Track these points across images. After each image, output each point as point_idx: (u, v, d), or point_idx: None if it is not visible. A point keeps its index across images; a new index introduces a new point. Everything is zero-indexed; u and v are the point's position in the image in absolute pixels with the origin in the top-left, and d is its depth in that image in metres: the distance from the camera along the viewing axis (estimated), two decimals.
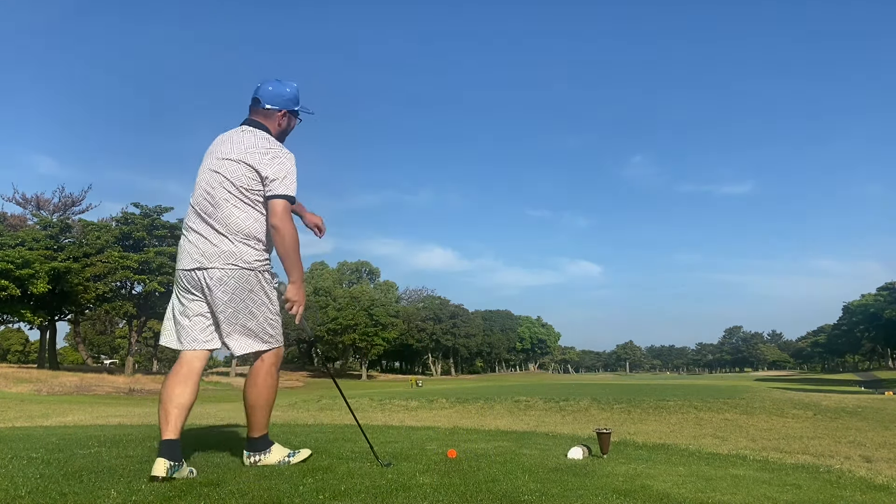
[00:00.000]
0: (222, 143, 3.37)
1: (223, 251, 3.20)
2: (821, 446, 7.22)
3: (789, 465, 4.24)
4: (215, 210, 3.23)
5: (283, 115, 3.42)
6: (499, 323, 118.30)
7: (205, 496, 2.60)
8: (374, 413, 11.23)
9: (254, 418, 3.37)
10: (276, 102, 3.40)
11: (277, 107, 3.40)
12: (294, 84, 3.46)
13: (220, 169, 3.26)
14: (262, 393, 3.35)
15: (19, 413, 14.24)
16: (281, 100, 3.40)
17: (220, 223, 3.22)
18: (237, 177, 3.22)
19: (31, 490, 2.70)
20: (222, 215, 3.22)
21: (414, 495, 2.65)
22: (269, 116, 3.41)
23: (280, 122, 3.42)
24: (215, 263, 3.19)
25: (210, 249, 3.20)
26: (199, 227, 3.27)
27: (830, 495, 2.99)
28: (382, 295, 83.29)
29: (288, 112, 3.43)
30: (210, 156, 3.38)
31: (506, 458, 3.75)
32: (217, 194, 3.23)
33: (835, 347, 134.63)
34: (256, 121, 3.40)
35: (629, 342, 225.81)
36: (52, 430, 5.86)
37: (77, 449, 4.01)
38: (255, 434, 3.40)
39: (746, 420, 11.02)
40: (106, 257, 42.33)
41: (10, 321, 46.16)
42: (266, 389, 3.35)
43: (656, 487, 2.94)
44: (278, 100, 3.40)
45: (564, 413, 11.81)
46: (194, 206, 3.31)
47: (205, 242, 3.22)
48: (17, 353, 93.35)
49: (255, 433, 3.40)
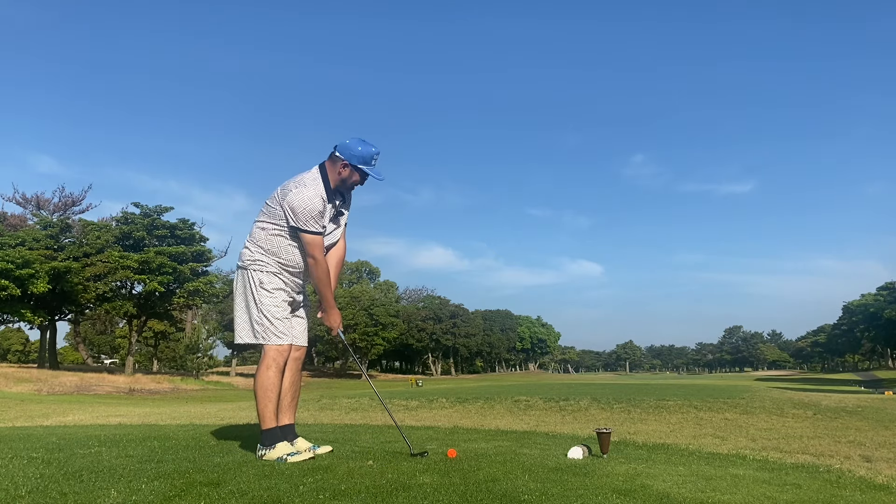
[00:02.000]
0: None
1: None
2: (821, 446, 7.22)
3: (789, 464, 4.24)
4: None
5: (344, 165, 3.72)
6: (499, 323, 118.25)
7: (205, 496, 2.60)
8: (374, 413, 11.23)
9: (257, 411, 3.71)
10: (344, 153, 3.71)
11: (343, 157, 3.71)
12: (373, 149, 3.74)
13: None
14: (255, 386, 3.73)
15: (19, 413, 14.24)
16: (348, 153, 3.71)
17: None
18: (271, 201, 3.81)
19: (31, 490, 2.70)
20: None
21: (414, 495, 2.65)
22: (334, 163, 3.75)
23: (341, 172, 3.74)
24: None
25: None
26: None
27: (830, 495, 2.99)
28: (382, 295, 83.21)
29: (350, 165, 3.71)
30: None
31: (506, 457, 3.76)
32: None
33: (835, 347, 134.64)
34: (323, 163, 3.79)
35: (629, 342, 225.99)
36: (52, 430, 5.86)
37: (77, 449, 4.01)
38: (261, 427, 3.69)
39: (746, 420, 11.02)
40: (106, 257, 42.29)
41: (10, 321, 46.12)
42: (256, 383, 3.72)
43: (656, 487, 2.94)
44: (346, 152, 3.71)
45: (564, 413, 11.81)
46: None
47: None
48: (17, 353, 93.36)
49: (261, 426, 3.69)
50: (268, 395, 3.64)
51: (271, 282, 3.74)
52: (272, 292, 3.73)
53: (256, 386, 3.69)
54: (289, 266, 3.79)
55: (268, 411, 3.64)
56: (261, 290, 3.71)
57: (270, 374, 3.66)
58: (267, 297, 3.71)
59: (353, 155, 3.70)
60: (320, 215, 3.67)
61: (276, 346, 3.69)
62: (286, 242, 3.74)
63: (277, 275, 3.76)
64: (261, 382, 3.66)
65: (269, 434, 3.60)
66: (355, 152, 3.70)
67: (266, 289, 3.72)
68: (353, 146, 3.71)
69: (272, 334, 3.68)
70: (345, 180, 3.75)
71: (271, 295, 3.72)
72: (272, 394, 3.64)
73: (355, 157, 3.70)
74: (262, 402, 3.64)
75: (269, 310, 3.70)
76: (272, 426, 3.62)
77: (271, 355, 3.67)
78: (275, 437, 3.59)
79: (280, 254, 3.75)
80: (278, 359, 3.70)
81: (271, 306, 3.71)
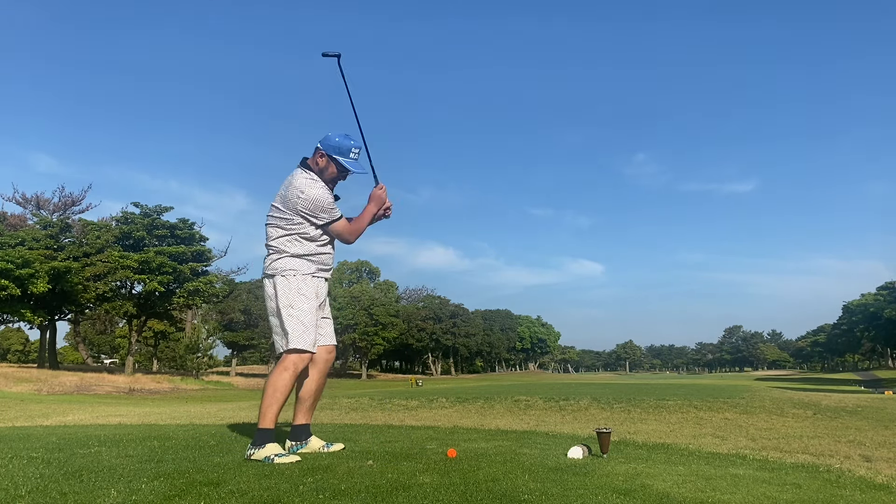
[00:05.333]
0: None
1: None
2: (820, 446, 7.21)
3: (789, 464, 4.24)
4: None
5: (321, 155, 3.81)
6: (499, 322, 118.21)
7: (205, 496, 2.60)
8: (374, 413, 11.23)
9: (260, 408, 3.68)
10: (323, 144, 3.82)
11: (321, 147, 3.81)
12: (352, 142, 3.81)
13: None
14: (266, 383, 3.68)
15: (19, 413, 14.23)
16: (326, 143, 3.81)
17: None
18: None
19: (31, 490, 2.70)
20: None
21: (414, 495, 2.65)
22: (314, 154, 3.85)
23: (318, 161, 3.81)
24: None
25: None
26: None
27: (830, 494, 2.99)
28: (382, 294, 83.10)
29: (326, 155, 3.79)
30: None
31: (506, 457, 3.75)
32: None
33: (835, 347, 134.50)
34: (305, 160, 3.86)
35: (629, 342, 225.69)
36: (52, 430, 5.85)
37: (77, 449, 4.01)
38: (258, 425, 3.63)
39: (746, 420, 11.02)
40: (106, 257, 42.26)
41: (10, 321, 46.11)
42: (268, 381, 3.67)
43: (656, 487, 2.94)
44: (325, 143, 3.82)
45: (564, 413, 11.81)
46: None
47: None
48: (17, 353, 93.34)
49: (258, 424, 3.64)
50: (276, 396, 3.61)
51: (307, 286, 3.76)
52: (308, 298, 3.74)
53: (268, 384, 3.65)
54: (322, 264, 3.85)
55: (270, 412, 3.61)
56: (298, 296, 3.71)
57: (286, 377, 3.63)
58: (304, 303, 3.71)
59: (329, 145, 3.79)
60: (333, 201, 3.78)
61: (299, 352, 3.67)
62: (314, 245, 3.79)
63: (314, 275, 3.80)
64: (274, 382, 3.63)
65: (263, 434, 3.57)
66: (332, 143, 3.79)
67: (304, 294, 3.73)
68: (332, 137, 3.80)
69: (301, 340, 3.67)
70: (322, 170, 3.81)
71: (307, 301, 3.73)
72: (281, 396, 3.62)
73: (332, 148, 3.78)
74: (268, 402, 3.61)
75: (303, 316, 3.70)
76: (269, 427, 3.59)
77: (292, 359, 3.65)
78: (267, 438, 3.56)
79: (311, 255, 3.80)
80: (298, 364, 3.67)
81: (307, 312, 3.72)
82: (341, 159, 3.78)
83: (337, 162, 3.79)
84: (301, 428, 3.91)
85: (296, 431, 3.92)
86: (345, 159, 3.78)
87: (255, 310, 63.01)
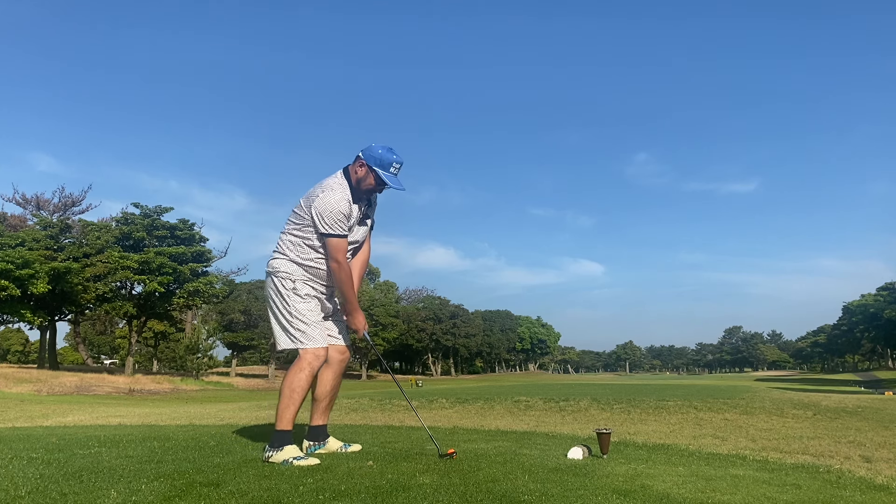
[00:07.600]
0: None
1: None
2: (821, 446, 7.21)
3: (789, 465, 4.24)
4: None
5: (361, 164, 3.75)
6: (499, 323, 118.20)
7: (205, 496, 2.60)
8: (374, 413, 11.23)
9: (277, 409, 3.66)
10: (364, 154, 3.76)
11: (363, 157, 3.75)
12: (395, 156, 3.75)
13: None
14: (282, 385, 3.66)
15: (19, 413, 14.22)
16: (368, 154, 3.75)
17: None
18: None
19: (31, 490, 2.70)
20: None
21: (414, 495, 2.65)
22: (354, 163, 3.79)
23: (357, 171, 3.76)
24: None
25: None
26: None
27: (830, 495, 2.99)
28: (382, 295, 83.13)
29: (367, 166, 3.73)
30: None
31: (506, 458, 3.75)
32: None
33: (835, 347, 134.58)
34: (347, 167, 3.82)
35: (629, 342, 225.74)
36: (52, 430, 5.86)
37: (77, 449, 4.01)
38: (276, 426, 3.62)
39: (746, 420, 11.01)
40: (106, 257, 42.26)
41: (10, 321, 46.10)
42: (285, 382, 3.65)
43: (656, 487, 2.94)
44: (367, 153, 3.76)
45: (564, 413, 11.80)
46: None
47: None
48: (17, 353, 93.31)
49: (275, 425, 3.62)
50: (293, 396, 3.59)
51: (304, 288, 3.75)
52: (305, 298, 3.73)
53: (284, 385, 3.63)
54: (317, 277, 3.80)
55: (288, 413, 3.58)
56: (294, 295, 3.71)
57: (302, 377, 3.61)
58: (300, 303, 3.71)
59: (371, 156, 3.72)
60: (346, 217, 3.69)
61: (313, 350, 3.65)
62: (315, 255, 3.75)
63: (308, 282, 3.78)
64: (290, 383, 3.61)
65: (281, 436, 3.55)
66: (375, 154, 3.72)
67: (299, 294, 3.72)
68: (374, 149, 3.74)
69: (310, 338, 3.66)
70: (360, 180, 3.74)
71: (304, 301, 3.72)
72: (298, 397, 3.60)
73: (373, 159, 3.71)
74: (285, 403, 3.59)
75: (304, 314, 3.69)
76: (287, 429, 3.57)
77: (307, 359, 3.63)
78: (285, 440, 3.54)
79: (309, 264, 3.76)
80: (314, 363, 3.65)
81: (306, 311, 3.70)
82: (381, 172, 3.71)
83: (376, 174, 3.73)
84: (319, 429, 3.93)
85: (313, 432, 3.93)
86: (384, 172, 3.72)
87: (255, 310, 62.95)
